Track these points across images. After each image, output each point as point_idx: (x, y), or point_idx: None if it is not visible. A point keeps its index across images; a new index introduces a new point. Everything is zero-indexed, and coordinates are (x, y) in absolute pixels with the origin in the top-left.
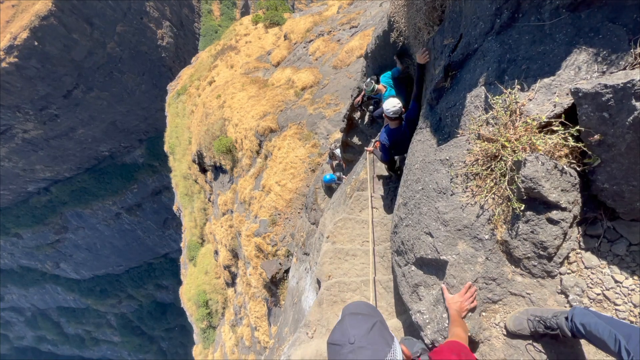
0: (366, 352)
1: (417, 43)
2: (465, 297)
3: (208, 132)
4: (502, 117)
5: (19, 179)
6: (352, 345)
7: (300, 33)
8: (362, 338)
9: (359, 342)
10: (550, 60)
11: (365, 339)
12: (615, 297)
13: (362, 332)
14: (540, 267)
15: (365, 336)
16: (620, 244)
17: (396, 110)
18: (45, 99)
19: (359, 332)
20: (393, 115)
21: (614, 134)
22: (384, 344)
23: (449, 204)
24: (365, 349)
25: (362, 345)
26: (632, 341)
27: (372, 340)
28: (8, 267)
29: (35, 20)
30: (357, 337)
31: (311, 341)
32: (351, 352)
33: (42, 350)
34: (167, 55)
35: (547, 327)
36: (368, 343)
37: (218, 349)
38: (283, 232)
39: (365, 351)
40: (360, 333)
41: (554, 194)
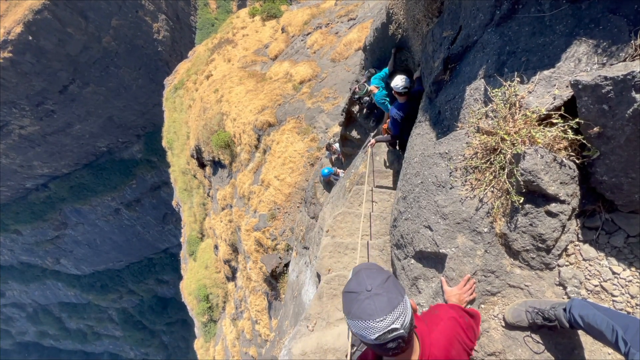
0: (382, 298)
1: (416, 35)
2: (464, 290)
3: (206, 127)
4: (501, 110)
5: (16, 175)
6: (368, 292)
7: (298, 26)
8: (378, 287)
9: (375, 290)
10: (550, 52)
11: (381, 287)
12: (612, 289)
13: (377, 282)
14: (539, 259)
15: (381, 285)
16: (618, 236)
17: (405, 85)
18: (41, 95)
19: (374, 282)
20: (403, 90)
21: (613, 126)
22: (397, 294)
23: (448, 198)
24: (382, 295)
25: (379, 292)
26: (629, 331)
27: (388, 289)
28: (8, 263)
29: (29, 14)
30: (373, 286)
31: (312, 334)
32: (368, 298)
33: (45, 345)
34: (163, 49)
35: (545, 319)
36: (384, 291)
37: (219, 342)
38: (282, 227)
39: (382, 297)
40: (376, 283)
41: (553, 186)
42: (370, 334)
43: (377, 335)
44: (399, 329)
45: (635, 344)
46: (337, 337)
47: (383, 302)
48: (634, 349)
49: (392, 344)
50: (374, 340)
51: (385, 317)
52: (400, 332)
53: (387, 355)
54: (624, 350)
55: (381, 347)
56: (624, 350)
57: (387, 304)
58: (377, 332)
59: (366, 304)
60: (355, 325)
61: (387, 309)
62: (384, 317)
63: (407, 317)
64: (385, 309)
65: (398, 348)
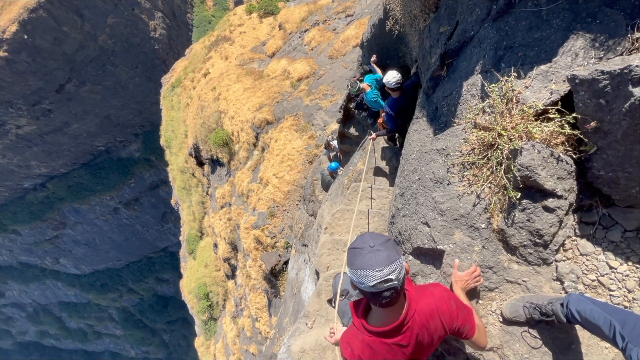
0: (382, 253)
1: (413, 31)
2: (471, 276)
3: (204, 125)
4: (498, 105)
5: (14, 175)
6: (371, 248)
7: (295, 22)
8: (380, 245)
9: (377, 247)
10: (547, 46)
11: (382, 245)
12: (609, 283)
13: (379, 241)
14: (536, 254)
15: (382, 244)
16: (615, 231)
17: (397, 80)
18: (38, 94)
19: (377, 241)
20: (395, 85)
21: (610, 121)
22: (395, 252)
23: (445, 194)
24: (382, 251)
25: (380, 249)
26: (626, 326)
27: (387, 247)
28: (7, 263)
29: (24, 13)
30: (375, 244)
31: (311, 331)
32: (370, 252)
33: (45, 344)
34: (160, 47)
35: (542, 314)
36: (384, 248)
37: (220, 340)
38: (282, 224)
39: (382, 253)
40: (378, 242)
41: (550, 181)
42: (369, 281)
43: (374, 282)
44: (393, 280)
45: (633, 339)
46: None
47: (383, 256)
48: (631, 344)
49: (386, 293)
50: (371, 287)
51: (383, 268)
52: (394, 283)
53: (379, 303)
54: (622, 345)
55: (376, 295)
56: (621, 345)
57: (386, 258)
58: (375, 280)
59: (368, 257)
60: (356, 274)
61: (385, 262)
62: (382, 268)
63: (401, 273)
64: (384, 261)
65: (390, 298)
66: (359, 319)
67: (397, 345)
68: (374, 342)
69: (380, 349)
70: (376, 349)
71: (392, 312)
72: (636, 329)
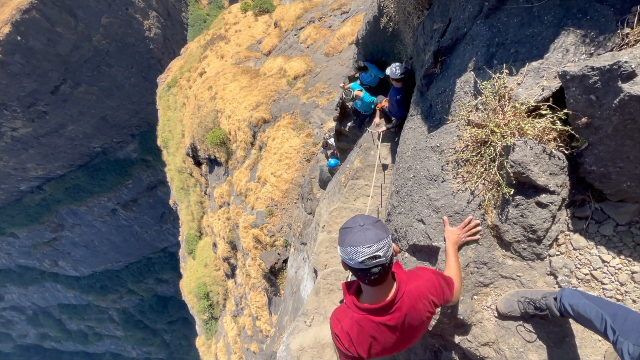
0: (371, 232)
1: (407, 28)
2: (463, 231)
3: (201, 125)
4: (491, 102)
5: (10, 178)
6: (361, 227)
7: (291, 20)
8: (369, 224)
9: (367, 226)
10: (538, 43)
11: (371, 225)
12: (602, 277)
13: (369, 221)
14: (530, 249)
15: (371, 224)
16: (607, 225)
17: (402, 71)
18: (32, 96)
19: (367, 221)
20: (401, 76)
21: (600, 117)
22: (384, 232)
23: (440, 191)
24: (371, 230)
25: (369, 228)
26: (617, 320)
27: (376, 227)
28: (6, 266)
29: (16, 14)
30: (365, 223)
31: (309, 329)
32: (360, 230)
33: (46, 347)
34: (155, 47)
35: (536, 308)
36: (373, 227)
37: (221, 339)
38: (280, 223)
39: (371, 231)
40: (368, 222)
41: (542, 177)
42: (358, 257)
43: (363, 258)
44: (381, 256)
45: (623, 333)
46: None
47: (371, 234)
48: (622, 338)
49: (375, 269)
50: (360, 263)
51: (371, 245)
52: (382, 259)
53: (368, 280)
54: (612, 338)
55: (365, 271)
56: (612, 338)
57: (375, 236)
58: (364, 256)
59: (358, 235)
60: (346, 251)
61: (374, 239)
62: (371, 245)
63: (389, 251)
64: (372, 239)
65: (379, 274)
66: (350, 297)
67: (385, 326)
68: (362, 319)
69: (368, 327)
70: (364, 327)
71: (381, 291)
72: (627, 323)
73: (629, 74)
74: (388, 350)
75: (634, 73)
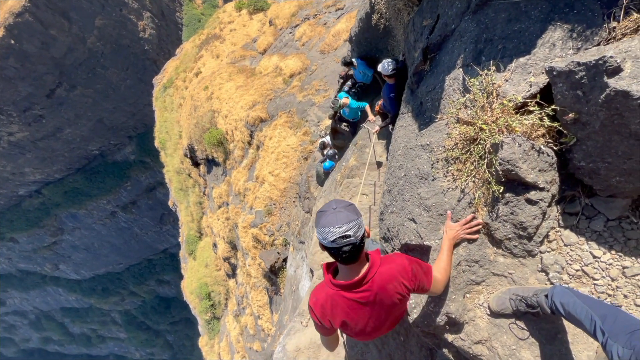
0: (342, 214)
1: (398, 25)
2: (463, 227)
3: (198, 125)
4: (479, 99)
5: (8, 183)
6: (334, 210)
7: (286, 18)
8: (341, 207)
9: (339, 209)
10: (525, 38)
11: (344, 208)
12: (593, 272)
13: (342, 205)
14: (521, 247)
15: (344, 207)
16: (598, 220)
17: (393, 66)
18: (28, 100)
19: (339, 205)
20: (392, 72)
21: (588, 112)
22: (354, 214)
23: (430, 190)
24: (342, 212)
25: (341, 210)
26: (607, 321)
27: (348, 210)
28: (7, 272)
29: (9, 17)
30: (338, 206)
31: (306, 330)
32: (332, 213)
33: (49, 351)
34: (150, 48)
35: (528, 306)
36: (345, 210)
37: (223, 338)
38: (279, 222)
39: (342, 213)
40: (341, 205)
41: (531, 174)
42: (330, 236)
43: (334, 237)
44: (351, 236)
45: (613, 335)
46: None
47: (342, 216)
48: (611, 340)
49: (345, 248)
50: (332, 242)
51: (342, 226)
52: (352, 239)
53: (340, 259)
54: (602, 340)
55: (337, 250)
56: (601, 340)
57: (345, 218)
58: (335, 235)
59: (330, 216)
60: (321, 232)
61: (344, 220)
62: (341, 225)
63: (359, 231)
64: (343, 220)
65: (350, 253)
66: (327, 275)
67: (356, 302)
68: (335, 295)
69: (341, 302)
70: (337, 302)
71: (354, 270)
72: (616, 325)
73: (615, 69)
74: (362, 327)
75: (619, 68)
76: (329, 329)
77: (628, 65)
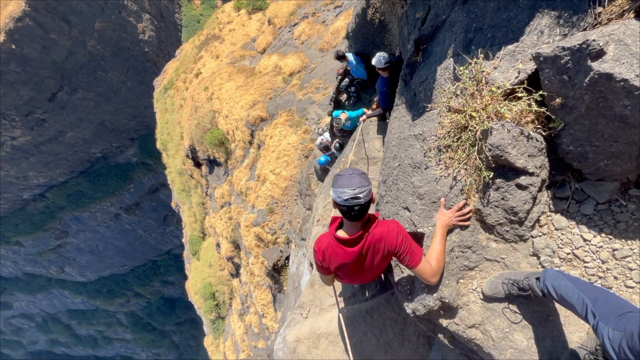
0: (356, 179)
1: (393, 18)
2: (455, 214)
3: (199, 126)
4: (469, 87)
5: (12, 187)
6: (350, 175)
7: (284, 17)
8: (357, 175)
9: (354, 175)
10: (514, 26)
11: (358, 175)
12: (584, 255)
13: (357, 172)
14: (513, 232)
15: (359, 174)
16: (588, 204)
17: (386, 59)
18: (30, 104)
19: (355, 172)
20: (385, 65)
21: (574, 96)
22: (367, 181)
23: (423, 178)
24: (357, 178)
25: (355, 177)
26: (598, 304)
27: (361, 177)
28: (13, 275)
29: (9, 22)
30: (354, 173)
31: (305, 321)
32: (348, 178)
33: (57, 352)
34: (150, 50)
35: (520, 289)
36: (359, 177)
37: (229, 338)
38: (281, 220)
39: (356, 179)
40: (356, 172)
41: (521, 159)
42: (344, 196)
43: (347, 197)
44: (361, 198)
45: (603, 318)
46: (329, 322)
47: (356, 181)
48: (602, 323)
49: (356, 207)
50: (345, 201)
51: (355, 189)
52: (361, 200)
53: (349, 216)
54: (593, 323)
55: (348, 208)
56: (592, 323)
57: (359, 183)
58: (348, 195)
59: (347, 180)
60: (336, 191)
61: (357, 184)
62: (355, 188)
63: (368, 196)
64: (356, 184)
65: (358, 212)
66: (332, 226)
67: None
68: (336, 245)
69: (338, 252)
70: (335, 251)
71: (355, 227)
72: (607, 307)
73: (598, 52)
74: (352, 274)
75: (602, 51)
76: (326, 269)
77: (611, 49)
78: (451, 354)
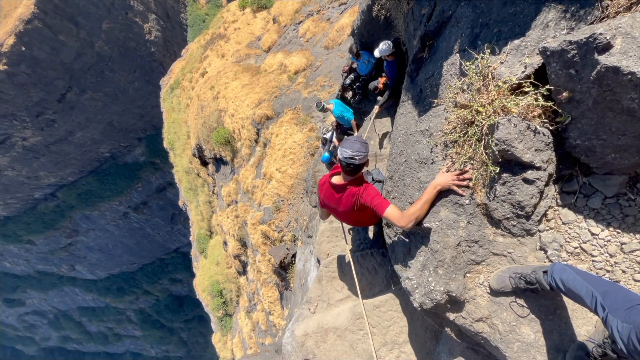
0: (357, 145)
1: (399, 15)
2: (453, 177)
3: (205, 125)
4: (475, 82)
5: (24, 186)
6: (354, 141)
7: (289, 15)
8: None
9: (357, 141)
10: (520, 21)
11: (360, 143)
12: (592, 249)
13: (360, 140)
14: (520, 226)
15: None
16: (595, 198)
17: (390, 46)
18: (40, 105)
19: (359, 140)
20: (390, 51)
21: (581, 90)
22: (365, 149)
23: (430, 173)
24: (357, 144)
25: (357, 143)
26: (607, 297)
27: (362, 144)
28: (25, 273)
29: (19, 24)
30: (357, 140)
31: (313, 316)
32: (351, 142)
33: (69, 349)
34: (156, 50)
35: (527, 283)
36: (360, 144)
37: (236, 335)
38: (287, 218)
39: (356, 145)
40: (359, 140)
41: (527, 154)
42: (344, 154)
43: (346, 156)
44: (355, 160)
45: (613, 311)
46: (336, 316)
47: (357, 146)
48: (612, 315)
49: (351, 165)
50: (344, 158)
51: (354, 152)
52: (355, 161)
53: (344, 169)
54: (602, 315)
55: (344, 164)
56: (602, 315)
57: (358, 148)
58: (347, 155)
59: (350, 143)
60: (340, 150)
61: (356, 149)
62: (354, 151)
63: (362, 160)
64: (356, 148)
65: (350, 169)
66: (332, 171)
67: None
68: (328, 187)
69: (329, 192)
70: (328, 190)
71: (345, 180)
72: (616, 300)
73: (605, 46)
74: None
75: (609, 44)
76: (320, 202)
77: (618, 42)
78: (458, 347)
